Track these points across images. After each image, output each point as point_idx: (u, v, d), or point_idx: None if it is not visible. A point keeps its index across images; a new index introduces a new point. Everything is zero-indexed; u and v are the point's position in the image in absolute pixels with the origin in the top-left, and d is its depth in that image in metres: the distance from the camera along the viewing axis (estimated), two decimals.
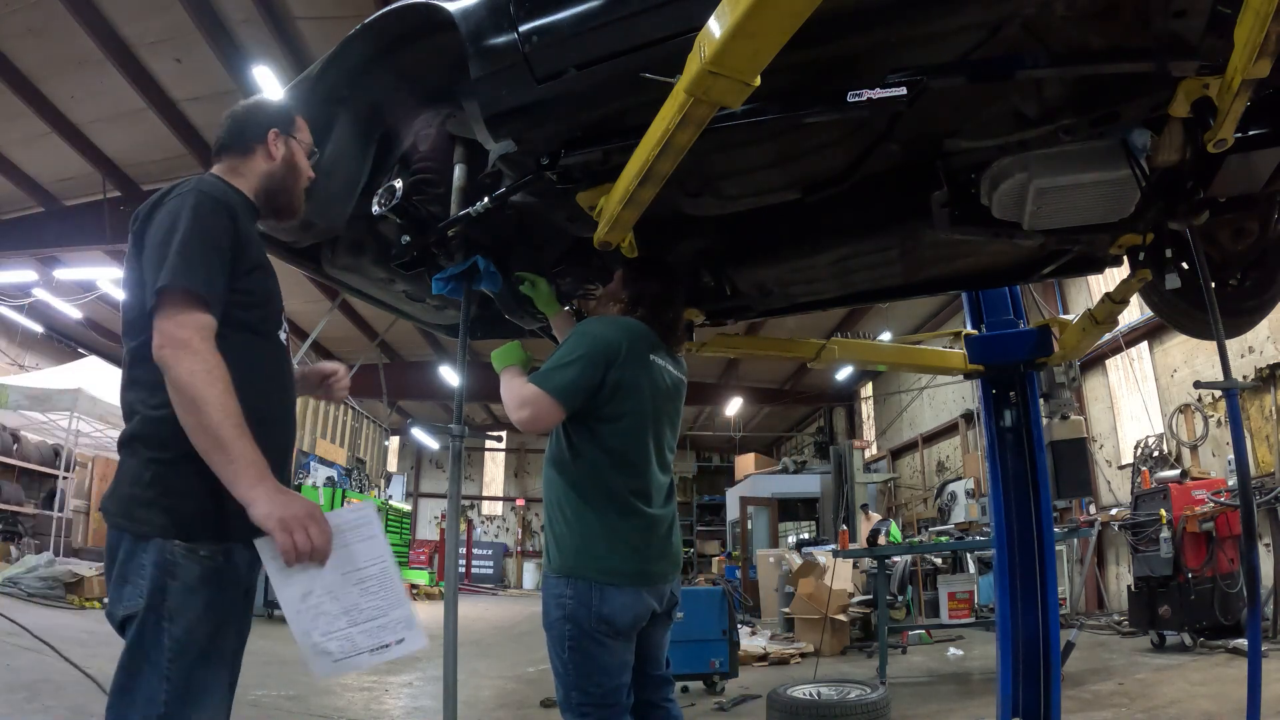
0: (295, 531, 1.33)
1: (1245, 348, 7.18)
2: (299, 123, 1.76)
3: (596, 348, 2.00)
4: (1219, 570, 5.88)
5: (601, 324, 2.11)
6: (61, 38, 7.29)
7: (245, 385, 1.41)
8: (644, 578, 1.99)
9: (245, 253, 1.51)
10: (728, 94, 1.37)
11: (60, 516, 10.31)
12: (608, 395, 2.00)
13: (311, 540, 1.34)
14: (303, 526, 1.34)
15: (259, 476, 1.33)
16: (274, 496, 1.33)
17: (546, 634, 1.99)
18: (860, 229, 2.42)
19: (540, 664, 6.57)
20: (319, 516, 1.37)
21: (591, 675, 1.92)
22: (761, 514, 14.34)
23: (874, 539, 6.79)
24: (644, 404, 2.06)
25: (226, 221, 1.49)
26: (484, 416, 21.25)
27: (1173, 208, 1.98)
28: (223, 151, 1.70)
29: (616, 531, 1.97)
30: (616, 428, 2.02)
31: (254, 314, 1.53)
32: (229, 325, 1.45)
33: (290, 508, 1.34)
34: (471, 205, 2.04)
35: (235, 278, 1.48)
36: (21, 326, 13.82)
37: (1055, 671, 3.18)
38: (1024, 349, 3.37)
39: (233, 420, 1.33)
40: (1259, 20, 1.31)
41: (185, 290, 1.38)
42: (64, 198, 10.06)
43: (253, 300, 1.53)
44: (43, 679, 4.06)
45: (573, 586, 1.93)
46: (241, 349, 1.46)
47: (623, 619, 1.93)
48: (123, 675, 1.37)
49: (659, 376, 2.13)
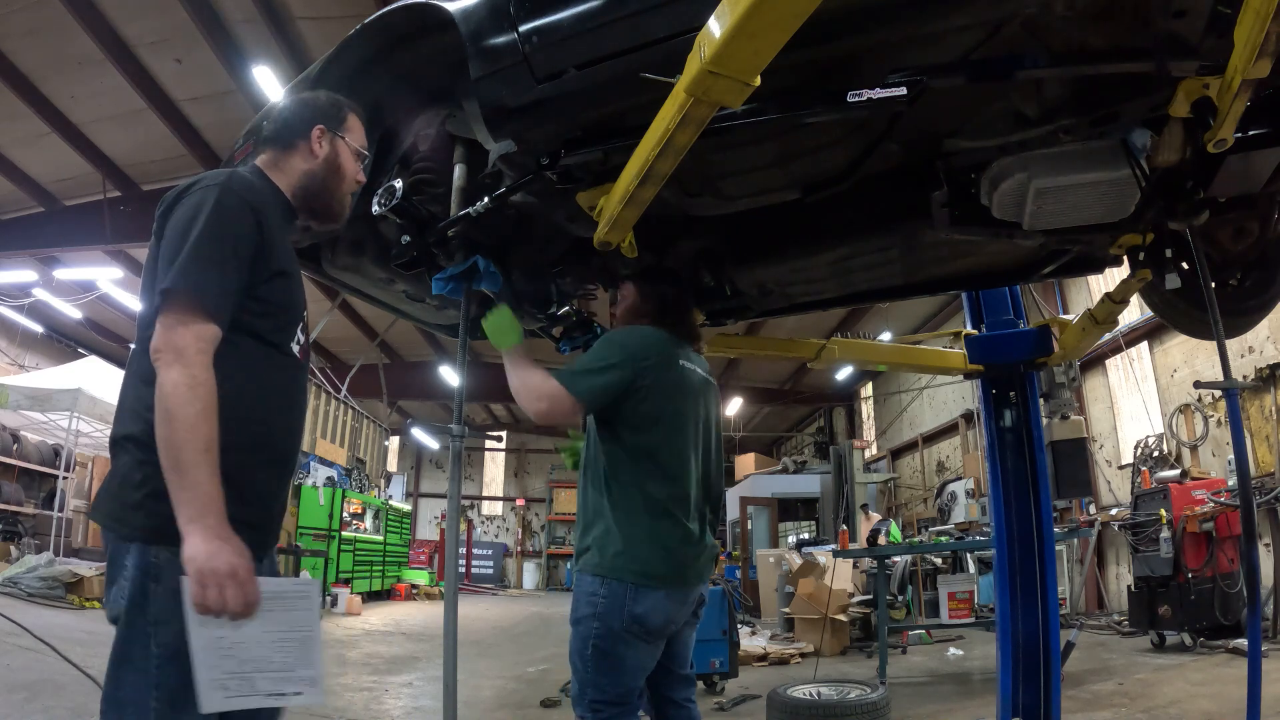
0: (209, 587, 1.22)
1: (1245, 348, 7.18)
2: (350, 122, 1.65)
3: (627, 357, 2.05)
4: (1219, 570, 5.89)
5: (631, 335, 2.15)
6: (61, 38, 7.30)
7: (244, 396, 1.37)
8: (680, 581, 2.03)
9: (267, 257, 1.43)
10: (728, 94, 1.37)
11: (60, 516, 10.31)
12: (641, 402, 2.04)
13: (225, 601, 1.23)
14: (219, 584, 1.22)
15: (202, 511, 1.24)
16: (208, 540, 1.23)
17: (573, 628, 2.01)
18: (860, 229, 2.42)
19: (540, 664, 6.57)
20: (242, 578, 1.24)
21: (611, 674, 1.96)
22: (761, 514, 14.34)
23: (874, 539, 6.79)
24: (679, 408, 2.12)
25: (249, 223, 1.41)
26: (484, 416, 21.25)
27: (1173, 208, 1.98)
28: (265, 144, 1.62)
29: (656, 537, 2.00)
30: (652, 436, 2.05)
31: (267, 323, 1.45)
32: (239, 332, 1.39)
33: (215, 560, 1.22)
34: (471, 205, 2.04)
35: (253, 284, 1.41)
36: (21, 326, 13.82)
37: (1055, 671, 3.18)
38: (1024, 349, 3.37)
39: (197, 445, 1.25)
40: (1259, 20, 1.30)
41: (190, 294, 1.31)
42: (64, 198, 10.06)
43: (268, 309, 1.45)
44: (43, 679, 4.06)
45: (607, 586, 1.96)
46: (247, 358, 1.41)
47: (655, 619, 1.96)
48: (111, 684, 1.32)
49: (689, 377, 2.18)
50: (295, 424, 1.56)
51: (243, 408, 1.37)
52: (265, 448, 1.45)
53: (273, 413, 1.47)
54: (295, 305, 1.53)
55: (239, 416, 1.35)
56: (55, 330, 14.83)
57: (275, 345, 1.47)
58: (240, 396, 1.36)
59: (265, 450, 1.45)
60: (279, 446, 1.50)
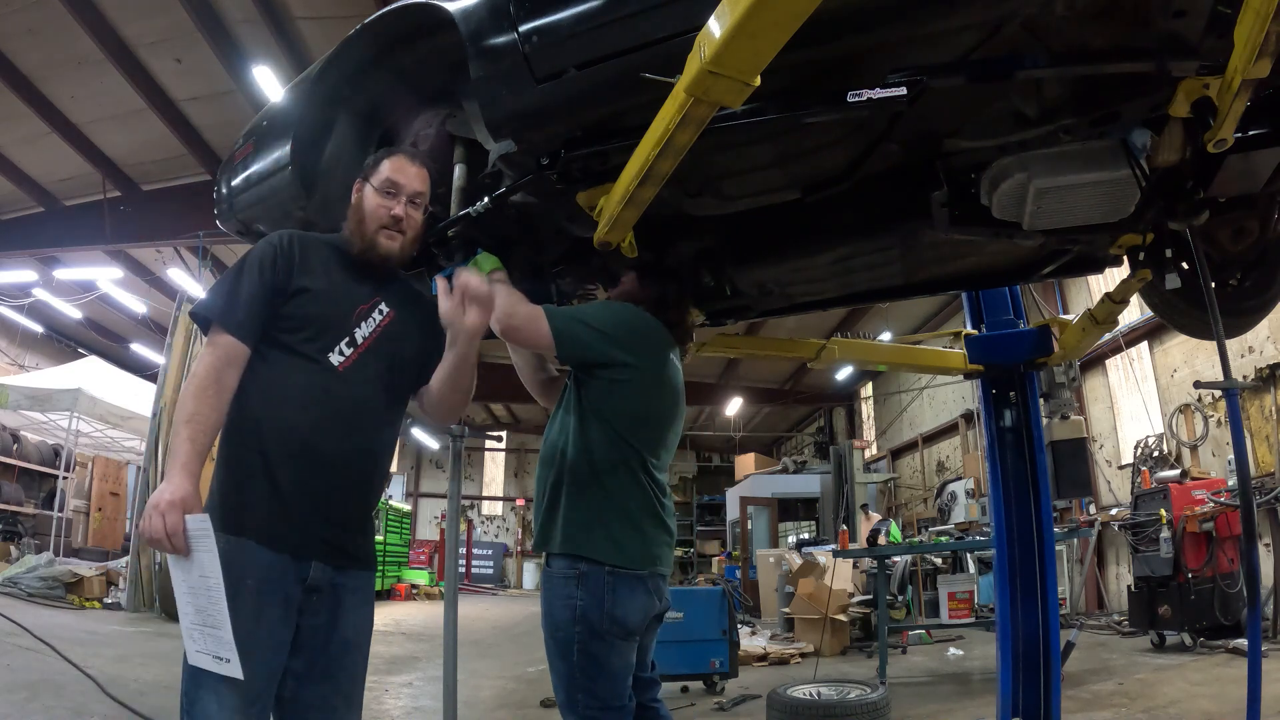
0: (151, 516, 1.42)
1: (1245, 348, 7.18)
2: (382, 166, 1.80)
3: (621, 331, 2.02)
4: (1219, 570, 5.88)
5: (633, 313, 2.12)
6: (61, 38, 7.30)
7: (266, 400, 1.61)
8: (647, 559, 1.98)
9: (287, 282, 1.68)
10: (728, 94, 1.37)
11: (60, 516, 10.31)
12: (628, 387, 2.00)
13: (150, 526, 1.42)
14: (158, 512, 1.41)
15: (175, 468, 1.48)
16: (169, 482, 1.45)
17: (551, 636, 1.95)
18: (860, 229, 2.42)
19: (540, 664, 6.56)
20: (166, 509, 1.41)
21: (600, 677, 1.91)
22: (761, 514, 14.34)
23: (874, 539, 6.78)
24: (664, 402, 2.10)
25: (267, 257, 1.68)
26: (484, 416, 21.25)
27: (1173, 208, 1.98)
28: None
29: (636, 524, 1.97)
30: (637, 423, 2.02)
31: (294, 336, 1.67)
32: (269, 345, 1.65)
33: (163, 493, 1.43)
34: (471, 205, 2.04)
35: (277, 304, 1.66)
36: (21, 326, 13.83)
37: (1055, 671, 3.18)
38: (1024, 349, 3.37)
39: (187, 423, 1.51)
40: (1259, 20, 1.31)
41: (209, 316, 1.65)
42: (64, 198, 10.05)
43: (293, 324, 1.67)
44: (43, 679, 4.05)
45: (583, 586, 1.91)
46: (273, 367, 1.64)
47: (634, 619, 1.93)
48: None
49: (674, 376, 2.16)
50: (328, 426, 1.65)
51: (259, 410, 1.60)
52: (291, 446, 1.61)
53: (300, 416, 1.63)
54: (323, 319, 1.70)
55: (268, 419, 1.60)
56: (55, 330, 14.84)
57: (304, 355, 1.66)
58: (260, 400, 1.61)
59: (291, 448, 1.61)
60: (309, 446, 1.62)
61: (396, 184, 1.78)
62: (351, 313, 1.74)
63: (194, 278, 9.92)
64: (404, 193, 1.79)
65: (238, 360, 1.61)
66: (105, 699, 3.78)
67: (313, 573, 1.60)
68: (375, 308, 1.78)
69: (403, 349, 1.81)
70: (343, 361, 1.69)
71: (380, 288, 1.81)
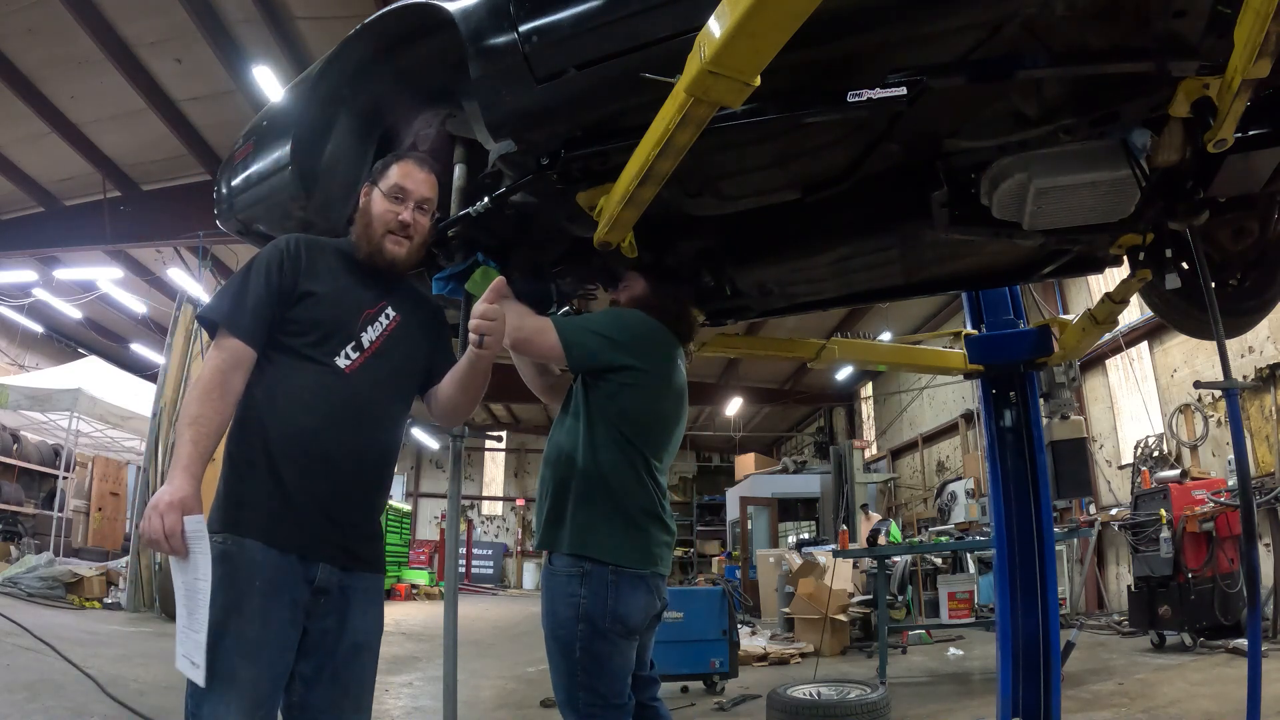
0: (151, 516, 1.44)
1: (1245, 348, 7.18)
2: (390, 171, 1.81)
3: (628, 337, 2.02)
4: (1219, 570, 5.88)
5: (640, 319, 2.12)
6: (61, 38, 7.30)
7: (272, 402, 1.63)
8: (649, 559, 1.98)
9: (293, 286, 1.70)
10: (728, 94, 1.37)
11: (60, 516, 10.31)
12: (635, 389, 2.01)
13: (150, 527, 1.44)
14: (157, 512, 1.43)
15: (176, 470, 1.50)
16: (170, 483, 1.47)
17: (553, 634, 1.94)
18: (860, 229, 2.42)
19: (540, 664, 6.56)
20: (165, 510, 1.43)
21: (602, 676, 1.90)
22: (761, 514, 14.34)
23: (874, 539, 6.78)
24: (670, 405, 2.10)
25: (273, 261, 1.70)
26: (484, 416, 21.24)
27: (1173, 208, 1.98)
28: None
29: (638, 522, 1.97)
30: (643, 426, 2.03)
31: (300, 340, 1.69)
32: (275, 349, 1.67)
33: (162, 494, 1.45)
34: (471, 205, 2.04)
35: (284, 308, 1.68)
36: (21, 326, 13.82)
37: (1055, 671, 3.18)
38: (1024, 349, 3.37)
39: (191, 425, 1.53)
40: (1259, 20, 1.31)
41: (216, 319, 1.66)
42: (64, 198, 10.05)
43: (299, 328, 1.69)
44: (43, 679, 4.05)
45: (587, 585, 1.90)
46: (280, 370, 1.66)
47: (636, 618, 1.93)
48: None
49: (679, 379, 2.16)
50: (334, 428, 1.66)
51: (276, 413, 1.62)
52: (297, 447, 1.62)
53: (306, 417, 1.64)
54: (329, 323, 1.71)
55: (274, 420, 1.62)
56: (55, 330, 14.84)
57: (310, 359, 1.68)
58: (265, 401, 1.63)
59: (297, 450, 1.61)
60: (316, 448, 1.63)
61: (405, 189, 1.79)
62: (358, 317, 1.74)
63: (194, 278, 9.91)
64: (412, 198, 1.79)
65: (244, 363, 1.62)
66: (105, 699, 3.78)
67: (320, 574, 1.59)
68: (382, 312, 1.78)
69: (409, 353, 1.82)
70: (349, 365, 1.70)
71: (387, 292, 1.82)
